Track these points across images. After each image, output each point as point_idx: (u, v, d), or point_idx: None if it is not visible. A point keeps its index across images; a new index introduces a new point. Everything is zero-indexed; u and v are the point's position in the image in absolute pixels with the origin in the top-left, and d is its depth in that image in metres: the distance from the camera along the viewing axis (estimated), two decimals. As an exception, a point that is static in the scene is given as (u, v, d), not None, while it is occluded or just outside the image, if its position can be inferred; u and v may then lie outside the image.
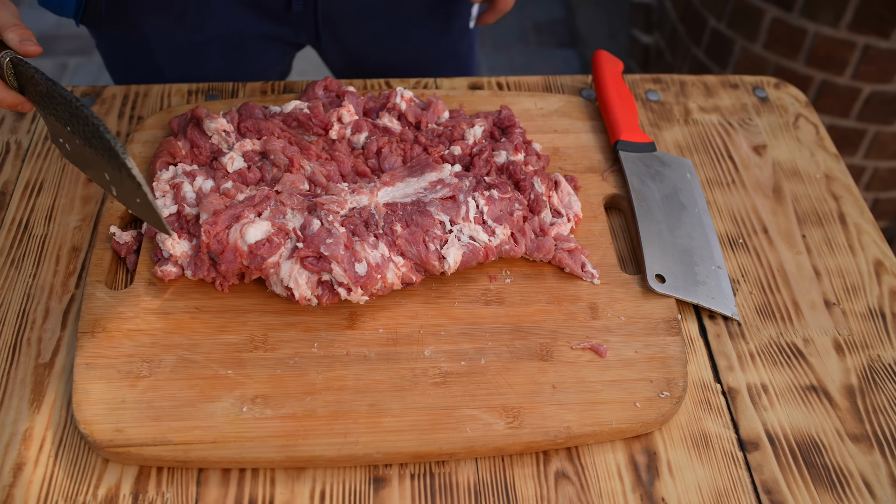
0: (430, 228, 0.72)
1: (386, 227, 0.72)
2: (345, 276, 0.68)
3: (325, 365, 0.68)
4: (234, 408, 0.65)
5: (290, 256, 0.70)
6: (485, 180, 0.78)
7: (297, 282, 0.69)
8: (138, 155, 0.83)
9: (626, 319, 0.72)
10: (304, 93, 0.87)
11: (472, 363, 0.68)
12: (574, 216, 0.79)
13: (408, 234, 0.72)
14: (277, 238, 0.70)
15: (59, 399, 0.67)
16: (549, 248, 0.75)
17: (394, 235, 0.72)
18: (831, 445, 0.67)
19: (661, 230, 0.78)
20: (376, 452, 0.63)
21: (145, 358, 0.67)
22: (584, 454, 0.66)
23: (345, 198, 0.74)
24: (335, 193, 0.74)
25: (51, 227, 0.79)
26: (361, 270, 0.69)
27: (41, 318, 0.72)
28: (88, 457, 0.64)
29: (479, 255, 0.73)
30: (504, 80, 0.98)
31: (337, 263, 0.68)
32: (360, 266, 0.69)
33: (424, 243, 0.71)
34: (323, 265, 0.69)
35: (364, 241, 0.71)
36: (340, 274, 0.69)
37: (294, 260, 0.69)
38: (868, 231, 0.84)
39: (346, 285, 0.69)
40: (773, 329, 0.75)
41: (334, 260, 0.68)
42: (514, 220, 0.75)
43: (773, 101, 0.98)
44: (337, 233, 0.70)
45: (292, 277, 0.69)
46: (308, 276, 0.69)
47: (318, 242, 0.69)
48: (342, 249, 0.69)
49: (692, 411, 0.69)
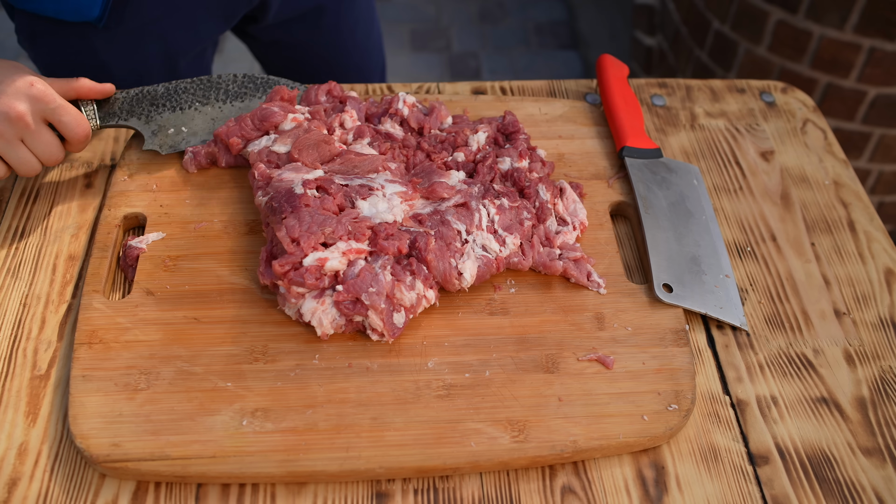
0: (452, 241, 0.71)
1: (419, 249, 0.70)
2: (382, 326, 0.67)
3: (327, 377, 0.66)
4: (233, 421, 0.63)
5: (320, 296, 0.68)
6: (493, 188, 0.77)
7: (320, 321, 0.67)
8: (136, 162, 0.82)
9: (634, 330, 0.71)
10: (305, 97, 0.86)
11: (476, 375, 0.67)
12: (580, 224, 0.77)
13: (437, 249, 0.70)
14: (327, 278, 0.68)
15: (56, 412, 0.65)
16: (556, 268, 0.73)
17: (427, 251, 0.70)
18: (843, 459, 0.66)
19: (668, 238, 0.77)
20: (379, 467, 0.62)
21: (143, 370, 0.66)
22: (591, 468, 0.64)
23: (401, 238, 0.71)
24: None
25: (47, 236, 0.78)
26: (399, 321, 0.68)
27: (37, 328, 0.71)
28: (85, 472, 0.62)
29: (493, 267, 0.71)
30: (508, 85, 0.96)
31: (376, 313, 0.67)
32: (398, 316, 0.67)
33: (447, 259, 0.70)
34: (359, 310, 0.67)
35: (402, 282, 0.68)
36: (378, 323, 0.67)
37: (320, 300, 0.68)
38: (878, 239, 0.82)
39: (380, 332, 0.67)
40: (782, 339, 0.73)
41: (373, 309, 0.66)
42: (524, 230, 0.74)
43: (780, 106, 0.97)
44: (382, 281, 0.67)
45: (315, 316, 0.67)
46: (335, 317, 0.68)
47: (360, 288, 0.67)
48: (384, 302, 0.67)
49: (701, 424, 0.67)
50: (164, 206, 0.78)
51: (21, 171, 0.75)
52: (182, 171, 0.81)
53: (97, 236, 0.75)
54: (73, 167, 0.84)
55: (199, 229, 0.77)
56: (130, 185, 0.80)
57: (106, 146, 0.87)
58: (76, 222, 0.79)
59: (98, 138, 0.87)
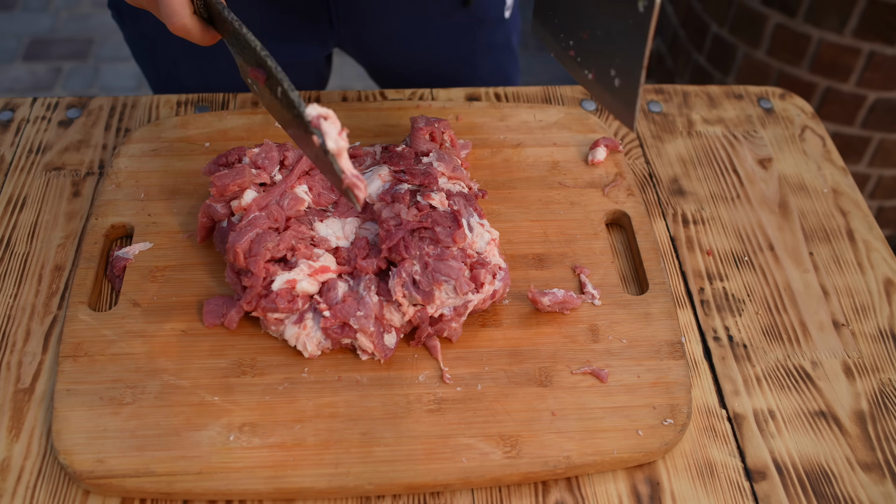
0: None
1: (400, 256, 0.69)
2: (373, 348, 0.66)
3: (316, 391, 0.65)
4: (220, 436, 0.62)
5: (300, 320, 0.67)
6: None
7: (304, 345, 0.66)
8: (125, 170, 0.81)
9: (629, 342, 0.69)
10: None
11: (468, 389, 0.66)
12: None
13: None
14: (300, 300, 0.66)
15: (39, 427, 0.64)
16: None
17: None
18: (841, 474, 0.64)
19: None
20: (368, 483, 0.60)
21: (129, 383, 0.65)
22: (585, 484, 0.63)
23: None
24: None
25: (33, 245, 0.76)
26: (390, 342, 0.66)
27: (21, 340, 0.69)
28: (69, 488, 0.61)
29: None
30: (502, 91, 0.95)
31: (366, 336, 0.65)
32: (388, 338, 0.66)
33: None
34: (348, 333, 0.66)
35: (390, 303, 0.67)
36: (368, 346, 0.66)
37: (301, 325, 0.66)
38: (877, 248, 0.81)
39: (370, 353, 0.66)
40: (779, 351, 0.72)
41: (362, 333, 0.65)
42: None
43: (778, 113, 0.95)
44: (370, 303, 0.66)
45: (300, 341, 0.66)
46: (320, 340, 0.67)
47: (347, 313, 0.65)
48: (373, 325, 0.66)
49: (697, 439, 0.66)
50: (151, 215, 0.77)
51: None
52: (171, 180, 0.80)
53: (84, 246, 0.74)
54: (60, 175, 0.83)
55: (187, 239, 0.75)
56: (118, 194, 0.79)
57: (94, 154, 0.86)
58: (63, 232, 0.78)
59: (86, 145, 0.86)
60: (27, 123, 0.88)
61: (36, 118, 0.89)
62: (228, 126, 0.86)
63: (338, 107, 0.89)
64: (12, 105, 0.90)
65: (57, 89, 2.38)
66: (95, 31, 2.59)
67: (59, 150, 0.86)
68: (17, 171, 0.83)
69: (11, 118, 0.89)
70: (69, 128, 0.88)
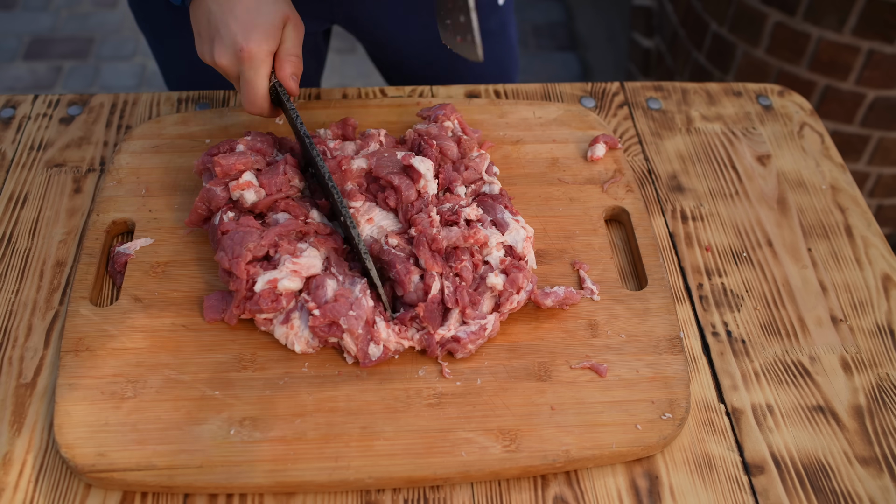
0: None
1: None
2: (356, 351, 0.66)
3: (316, 385, 0.66)
4: (221, 430, 0.62)
5: (287, 320, 0.67)
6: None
7: (293, 344, 0.67)
8: (126, 167, 0.81)
9: (627, 337, 0.70)
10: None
11: (467, 383, 0.66)
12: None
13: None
14: (284, 299, 0.67)
15: (41, 421, 0.65)
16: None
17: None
18: (839, 469, 0.65)
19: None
20: (368, 477, 0.61)
21: (130, 378, 0.65)
22: (584, 478, 0.63)
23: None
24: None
25: (35, 241, 0.77)
26: (374, 353, 0.66)
27: (23, 335, 0.70)
28: (70, 482, 0.62)
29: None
30: (502, 88, 0.95)
31: (351, 337, 0.65)
32: (374, 348, 0.66)
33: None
34: (334, 332, 0.66)
35: (386, 320, 0.68)
36: (351, 347, 0.66)
37: (289, 325, 0.66)
38: (875, 244, 0.81)
39: (354, 356, 0.66)
40: (778, 347, 0.72)
41: (350, 334, 0.65)
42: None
43: (777, 110, 0.96)
44: (365, 305, 0.66)
45: (289, 340, 0.67)
46: (308, 339, 0.67)
47: (338, 312, 0.65)
48: (361, 328, 0.65)
49: (695, 433, 0.66)
50: (152, 211, 0.77)
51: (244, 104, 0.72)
52: (171, 176, 0.81)
53: (85, 242, 0.74)
54: (61, 172, 0.83)
55: (187, 235, 0.76)
56: (119, 190, 0.79)
57: (95, 151, 0.86)
58: (64, 228, 0.78)
59: (87, 142, 0.87)
60: (28, 120, 0.89)
61: (37, 115, 0.89)
62: (229, 123, 0.86)
63: (338, 104, 0.89)
64: (14, 102, 0.91)
65: (57, 88, 2.38)
66: (96, 30, 2.59)
67: (61, 146, 0.86)
68: (19, 167, 0.84)
69: (13, 115, 0.89)
70: (70, 125, 0.89)
